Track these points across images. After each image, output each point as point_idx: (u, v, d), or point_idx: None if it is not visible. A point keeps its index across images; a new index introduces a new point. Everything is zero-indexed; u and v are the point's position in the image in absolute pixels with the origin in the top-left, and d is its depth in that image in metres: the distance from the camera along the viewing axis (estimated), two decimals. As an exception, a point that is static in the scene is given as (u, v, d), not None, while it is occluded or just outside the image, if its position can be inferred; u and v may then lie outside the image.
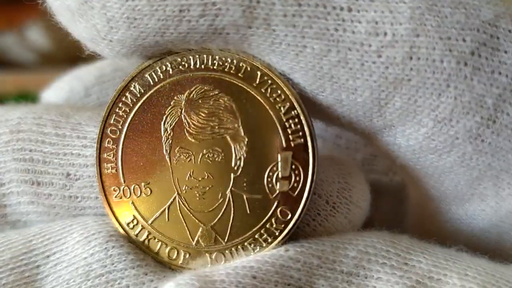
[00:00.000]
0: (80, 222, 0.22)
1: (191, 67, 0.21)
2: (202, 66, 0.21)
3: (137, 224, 0.22)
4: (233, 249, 0.21)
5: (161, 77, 0.22)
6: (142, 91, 0.22)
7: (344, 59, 0.20)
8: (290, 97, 0.21)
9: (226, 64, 0.21)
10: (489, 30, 0.20)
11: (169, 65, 0.21)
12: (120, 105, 0.22)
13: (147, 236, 0.22)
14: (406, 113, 0.21)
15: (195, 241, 0.21)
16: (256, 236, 0.21)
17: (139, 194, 0.22)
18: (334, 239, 0.21)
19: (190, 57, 0.21)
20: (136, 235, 0.22)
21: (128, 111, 0.22)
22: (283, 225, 0.21)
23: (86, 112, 0.23)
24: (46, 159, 0.22)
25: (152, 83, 0.22)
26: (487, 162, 0.21)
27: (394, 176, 0.28)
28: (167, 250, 0.21)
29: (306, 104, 0.21)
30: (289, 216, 0.21)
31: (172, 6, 0.20)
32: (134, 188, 0.22)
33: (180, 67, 0.21)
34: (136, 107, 0.22)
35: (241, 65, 0.21)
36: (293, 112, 0.21)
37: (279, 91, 0.21)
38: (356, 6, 0.20)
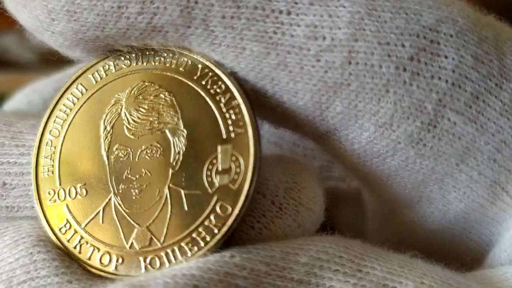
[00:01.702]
0: (16, 225, 0.21)
1: (133, 64, 0.21)
2: (145, 63, 0.21)
3: (69, 228, 0.20)
4: (168, 251, 0.19)
5: (104, 76, 0.21)
6: (85, 91, 0.21)
7: (283, 62, 0.20)
8: (231, 87, 0.20)
9: (167, 59, 0.21)
10: (430, 35, 0.20)
11: (111, 64, 0.21)
12: (62, 107, 0.21)
13: (79, 241, 0.20)
14: (348, 118, 0.20)
15: (129, 244, 0.19)
16: (194, 235, 0.19)
17: (74, 196, 0.20)
18: (284, 245, 0.19)
19: (133, 55, 0.21)
20: (68, 240, 0.20)
21: (69, 111, 0.21)
22: (222, 222, 0.19)
23: (31, 120, 0.23)
24: None
25: (95, 83, 0.21)
26: (430, 166, 0.21)
27: (352, 182, 0.27)
28: (99, 255, 0.20)
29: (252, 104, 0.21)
30: (229, 211, 0.19)
31: (110, 2, 0.20)
32: (69, 190, 0.20)
33: (123, 65, 0.21)
34: (78, 107, 0.21)
35: (182, 59, 0.21)
36: (233, 103, 0.20)
37: (219, 83, 0.20)
38: (295, 10, 0.20)
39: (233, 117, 0.20)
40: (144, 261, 0.19)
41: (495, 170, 0.21)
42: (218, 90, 0.20)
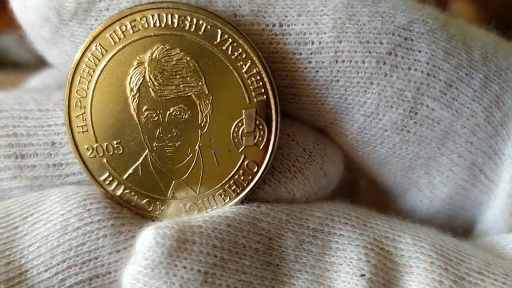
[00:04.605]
0: (59, 187, 0.23)
1: (151, 26, 0.21)
2: (162, 25, 0.21)
3: (112, 179, 0.23)
4: (205, 199, 0.22)
5: (122, 37, 0.21)
6: (105, 51, 0.22)
7: (280, 68, 0.22)
8: (251, 55, 0.21)
9: (186, 22, 0.21)
10: (403, 34, 0.23)
11: (128, 25, 0.21)
12: (84, 67, 0.22)
13: (123, 191, 0.23)
14: (340, 111, 0.23)
15: (169, 194, 0.23)
16: (226, 187, 0.22)
17: (111, 152, 0.22)
18: (301, 205, 0.23)
19: (150, 15, 0.21)
20: (113, 190, 0.23)
21: (92, 72, 0.22)
22: (250, 177, 0.22)
23: None
24: (30, 132, 0.23)
25: (113, 43, 0.22)
26: (415, 151, 0.24)
27: (347, 173, 0.29)
28: (143, 202, 0.23)
29: None
30: (256, 169, 0.22)
31: None
32: (106, 146, 0.22)
33: (140, 26, 0.21)
34: (100, 67, 0.22)
35: (200, 23, 0.21)
36: (254, 70, 0.21)
37: (240, 49, 0.21)
38: (286, 21, 0.22)
39: (255, 84, 0.21)
40: (184, 207, 0.23)
41: (472, 152, 0.24)
42: (239, 57, 0.21)
